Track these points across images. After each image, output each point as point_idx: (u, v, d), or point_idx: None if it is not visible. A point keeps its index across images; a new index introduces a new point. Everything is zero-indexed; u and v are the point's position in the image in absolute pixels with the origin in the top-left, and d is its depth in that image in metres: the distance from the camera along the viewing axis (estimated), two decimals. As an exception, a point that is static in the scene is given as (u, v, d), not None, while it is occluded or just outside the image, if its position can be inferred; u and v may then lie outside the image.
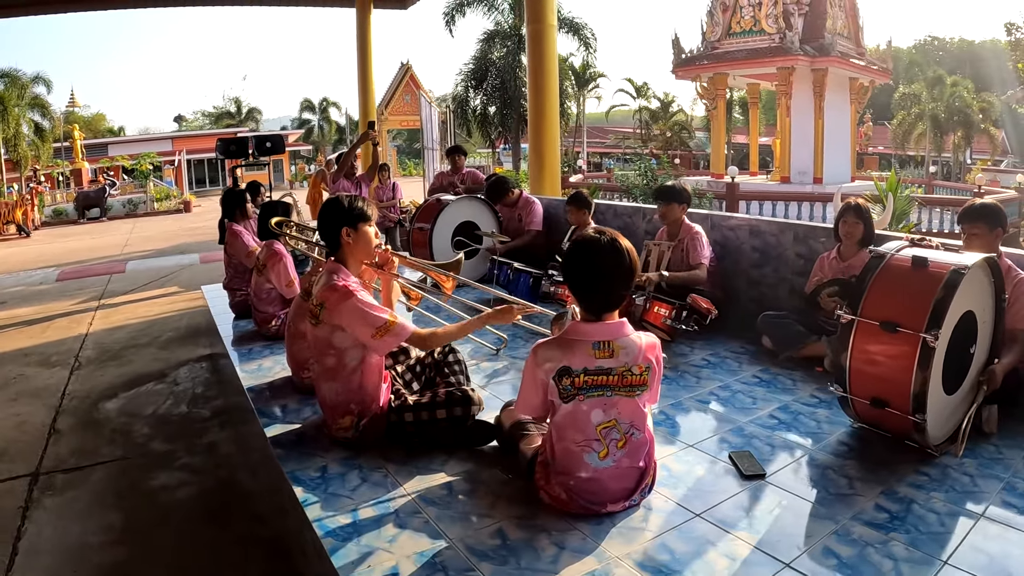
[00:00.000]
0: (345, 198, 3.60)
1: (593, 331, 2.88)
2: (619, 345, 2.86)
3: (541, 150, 10.47)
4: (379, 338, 3.39)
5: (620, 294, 2.91)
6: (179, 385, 6.64)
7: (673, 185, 6.18)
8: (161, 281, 12.57)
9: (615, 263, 2.83)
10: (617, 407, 2.90)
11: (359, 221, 3.60)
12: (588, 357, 2.85)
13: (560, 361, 2.86)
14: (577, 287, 2.92)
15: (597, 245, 2.84)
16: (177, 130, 57.51)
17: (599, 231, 2.90)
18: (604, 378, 2.86)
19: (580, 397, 2.87)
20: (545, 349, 2.92)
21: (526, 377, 3.00)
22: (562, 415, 2.93)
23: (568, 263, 2.94)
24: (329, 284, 3.48)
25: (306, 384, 4.41)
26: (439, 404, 3.61)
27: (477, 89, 29.39)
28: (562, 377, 2.86)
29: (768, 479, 3.30)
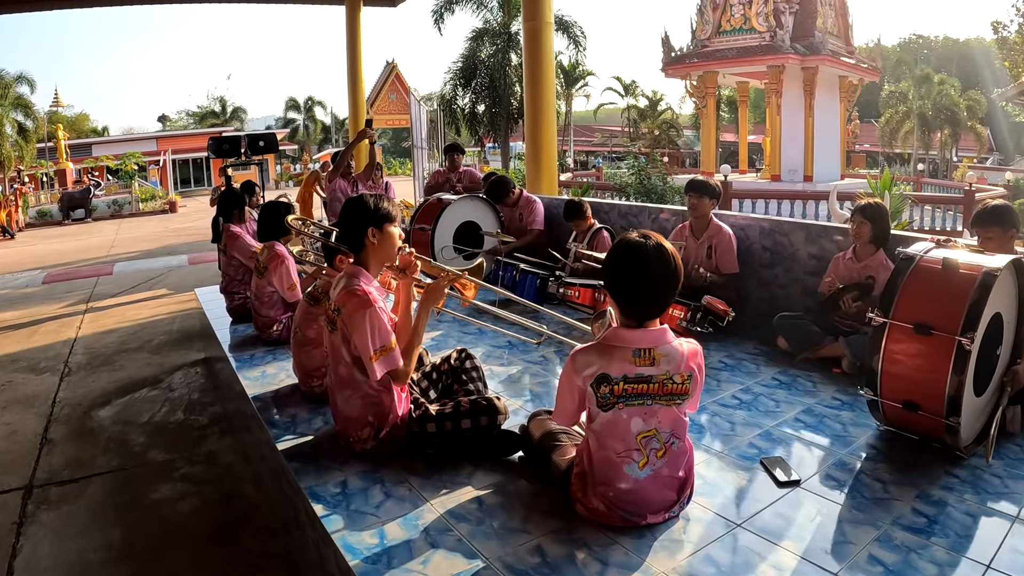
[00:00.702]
0: (370, 197, 3.43)
1: (634, 338, 2.75)
2: (660, 353, 2.74)
3: (538, 149, 10.32)
4: (375, 360, 3.25)
5: (666, 302, 2.78)
6: (174, 391, 6.46)
7: (705, 179, 6.05)
8: (150, 283, 12.38)
9: (661, 269, 2.70)
10: (657, 416, 2.78)
11: (385, 222, 3.42)
12: (628, 364, 2.72)
13: (599, 368, 2.73)
14: (619, 293, 2.78)
15: (643, 251, 2.70)
16: (161, 130, 57.05)
17: (644, 235, 2.75)
18: (644, 386, 2.74)
19: (620, 405, 2.75)
20: (584, 355, 2.79)
21: (563, 383, 2.88)
22: (601, 424, 2.80)
23: (610, 268, 2.80)
24: (349, 288, 3.32)
25: (316, 393, 4.25)
26: (463, 414, 3.44)
27: (466, 87, 29.08)
28: (600, 384, 2.74)
29: (803, 485, 3.23)
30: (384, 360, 3.26)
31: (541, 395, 4.54)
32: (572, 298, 6.05)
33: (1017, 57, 35.47)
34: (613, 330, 2.81)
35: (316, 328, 4.29)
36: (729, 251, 5.82)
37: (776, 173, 24.06)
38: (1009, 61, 36.50)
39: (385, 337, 3.27)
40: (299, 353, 4.38)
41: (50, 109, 43.23)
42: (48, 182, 36.82)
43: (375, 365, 3.24)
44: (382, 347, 3.25)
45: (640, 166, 17.49)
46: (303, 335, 4.36)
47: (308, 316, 4.37)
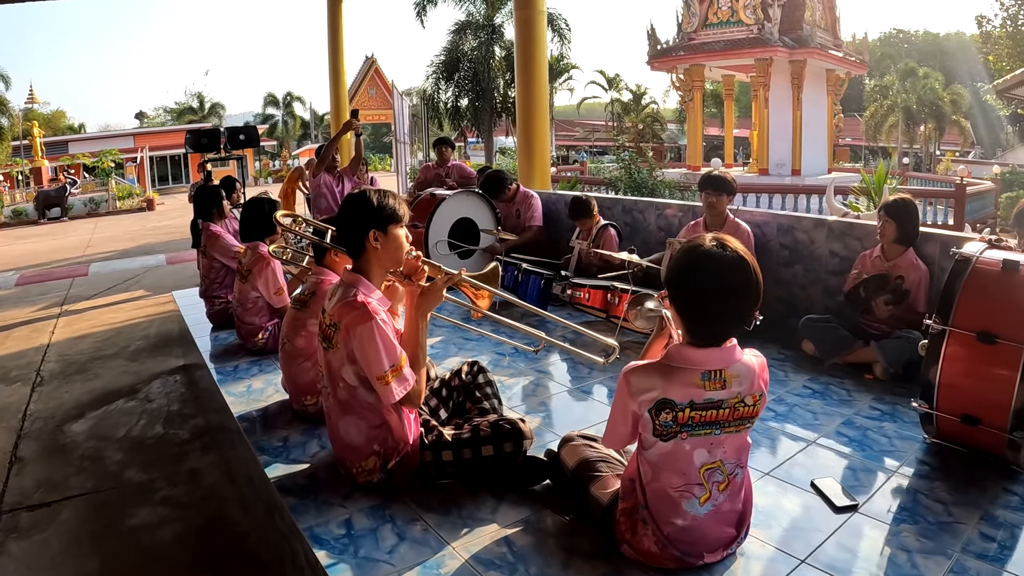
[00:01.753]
0: (373, 193, 3.00)
1: (704, 358, 2.36)
2: (732, 373, 2.36)
3: (530, 142, 9.94)
4: (385, 382, 2.83)
5: (744, 321, 2.39)
6: (152, 402, 6.03)
7: (723, 175, 5.69)
8: (126, 284, 11.90)
9: (742, 285, 2.32)
10: (724, 445, 2.42)
11: (390, 223, 2.98)
12: (695, 388, 2.34)
13: (660, 392, 2.35)
14: (688, 310, 2.39)
15: (720, 261, 2.30)
16: (139, 127, 56.26)
17: (717, 241, 2.34)
18: (713, 412, 2.36)
19: (683, 435, 2.37)
20: (640, 376, 2.40)
21: (616, 406, 2.50)
22: (658, 454, 2.42)
23: (679, 281, 2.40)
24: (346, 300, 2.91)
25: (309, 412, 3.86)
26: (484, 439, 3.04)
27: (448, 81, 28.65)
28: (661, 411, 2.35)
29: (860, 509, 2.98)
30: (399, 380, 2.85)
31: (558, 410, 4.17)
32: (581, 300, 5.67)
33: (1001, 51, 35.54)
34: (677, 348, 2.42)
35: (306, 336, 3.90)
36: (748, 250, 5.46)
37: (764, 167, 23.87)
38: (993, 55, 36.58)
39: (394, 354, 2.86)
40: (289, 366, 3.98)
41: (25, 106, 42.57)
42: (23, 180, 36.06)
43: (391, 387, 2.83)
44: (393, 366, 2.83)
45: (630, 159, 17.06)
46: (292, 345, 3.96)
47: (296, 323, 3.97)
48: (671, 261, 2.45)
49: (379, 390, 2.85)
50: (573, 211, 6.65)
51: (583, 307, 5.65)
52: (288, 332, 4.01)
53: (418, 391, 2.95)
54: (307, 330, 3.90)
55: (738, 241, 2.39)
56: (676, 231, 6.36)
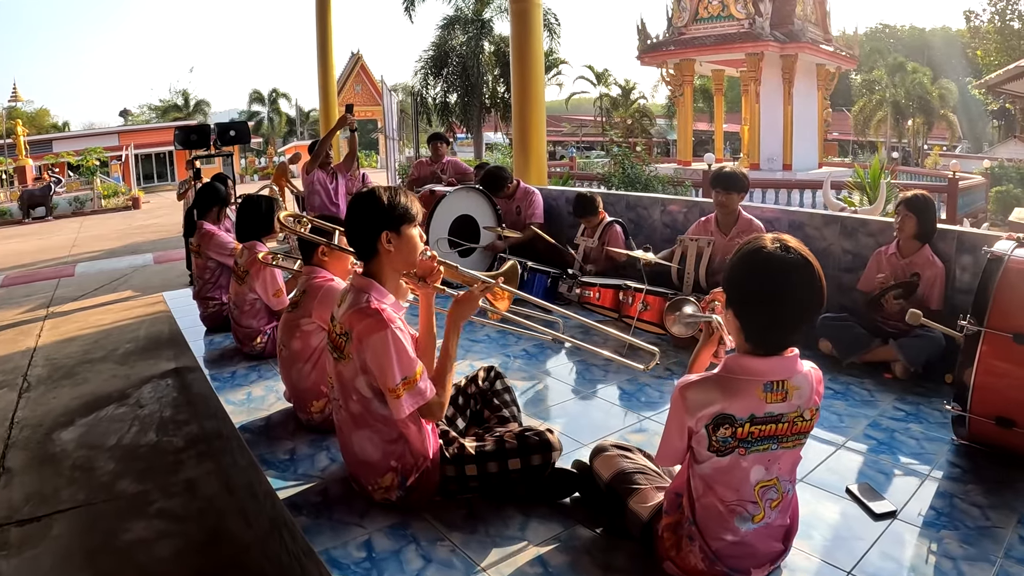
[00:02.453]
0: (384, 192, 2.79)
1: (767, 368, 2.20)
2: (793, 385, 2.21)
3: (526, 136, 9.75)
4: (396, 395, 2.63)
5: (810, 325, 2.26)
6: (144, 408, 5.83)
7: (734, 171, 5.52)
8: (113, 285, 11.66)
9: (809, 289, 2.15)
10: (779, 462, 2.28)
11: (403, 223, 2.77)
12: (757, 401, 2.18)
13: (721, 407, 2.18)
14: (753, 317, 2.21)
15: (787, 266, 2.13)
16: (123, 125, 55.70)
17: (783, 245, 2.16)
18: (772, 427, 2.21)
19: (741, 451, 2.22)
20: (698, 390, 2.23)
21: (671, 422, 2.32)
22: (712, 468, 2.26)
23: (742, 286, 2.22)
24: (358, 307, 2.70)
25: (315, 422, 3.66)
26: (510, 452, 2.84)
27: (437, 77, 28.52)
28: (720, 427, 2.19)
29: (899, 516, 2.89)
30: (411, 393, 2.65)
31: (576, 416, 3.99)
32: (591, 300, 5.48)
33: (990, 46, 35.73)
34: (736, 359, 2.25)
35: (301, 338, 3.70)
36: None
37: (755, 162, 23.83)
38: (982, 50, 36.76)
39: (409, 365, 2.66)
40: (288, 372, 3.78)
41: (8, 104, 42.15)
42: (7, 180, 35.56)
43: (401, 401, 2.63)
44: (406, 378, 2.63)
45: (623, 155, 16.95)
46: (288, 350, 3.76)
47: (289, 326, 3.77)
48: (731, 265, 2.27)
49: (390, 403, 2.66)
50: (578, 208, 6.47)
51: (592, 306, 5.48)
52: (283, 336, 3.81)
53: (440, 403, 2.76)
54: (302, 331, 3.71)
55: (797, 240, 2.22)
56: (682, 227, 6.21)
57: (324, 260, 3.87)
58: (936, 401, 4.09)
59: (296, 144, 45.10)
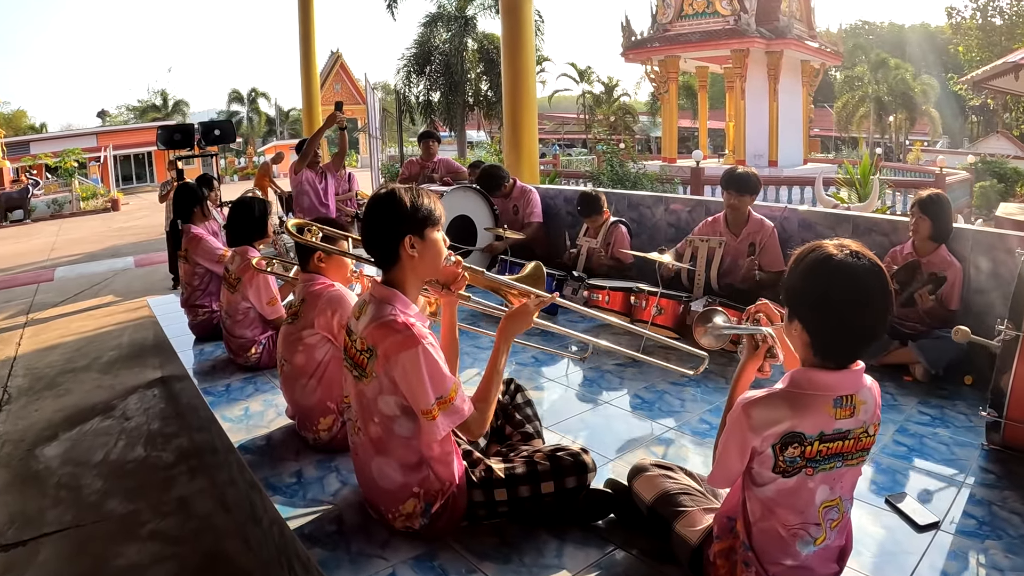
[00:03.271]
0: (405, 192, 2.54)
1: (836, 382, 2.04)
2: (860, 399, 2.06)
3: (518, 134, 9.54)
4: (431, 417, 2.42)
5: (881, 335, 2.08)
6: (130, 420, 5.58)
7: (746, 172, 5.34)
8: (94, 289, 11.36)
9: (882, 295, 1.99)
10: (842, 480, 2.14)
11: (427, 226, 2.54)
12: (827, 418, 2.03)
13: (790, 425, 2.03)
14: (824, 328, 2.03)
15: (859, 272, 1.98)
16: (102, 125, 55.08)
17: (846, 248, 2.02)
18: (840, 444, 2.06)
19: (808, 471, 2.06)
20: (765, 408, 2.05)
21: (730, 442, 2.14)
22: (776, 490, 2.10)
23: (811, 292, 2.04)
24: (382, 320, 2.46)
25: (323, 440, 3.42)
26: (543, 475, 2.63)
27: (420, 75, 28.25)
28: (788, 446, 2.03)
29: (942, 526, 2.82)
30: (447, 413, 2.43)
31: (598, 428, 3.78)
32: (599, 303, 5.27)
33: (971, 42, 35.94)
34: (804, 373, 2.07)
35: (304, 352, 3.45)
36: (774, 247, 5.19)
37: (741, 158, 23.70)
38: (963, 46, 36.98)
39: (443, 383, 2.43)
40: (291, 388, 3.53)
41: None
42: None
43: (437, 423, 2.42)
44: (440, 398, 2.41)
45: (612, 152, 16.81)
46: (291, 365, 3.51)
47: (290, 339, 3.51)
48: (797, 273, 2.09)
49: (424, 426, 2.45)
50: (583, 208, 6.27)
51: (601, 310, 5.27)
52: (284, 351, 3.56)
53: (481, 420, 2.56)
54: (304, 344, 3.45)
55: (859, 244, 2.06)
56: (686, 225, 6.05)
57: (322, 266, 3.61)
58: (960, 404, 4.02)
59: (276, 144, 44.78)
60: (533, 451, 2.76)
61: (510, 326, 2.65)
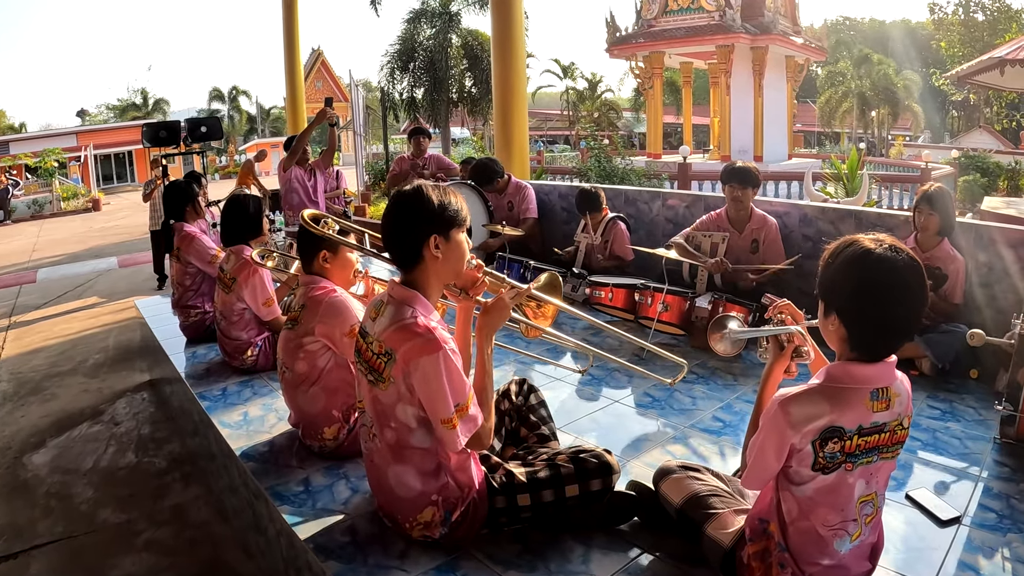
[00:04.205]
0: (433, 190, 2.42)
1: (872, 375, 2.04)
2: (895, 392, 2.07)
3: (508, 130, 9.47)
4: (451, 426, 2.30)
5: (917, 329, 2.13)
6: (119, 425, 5.43)
7: (747, 166, 5.26)
8: (78, 291, 11.18)
9: (923, 287, 2.01)
10: (878, 474, 2.14)
11: (453, 226, 2.42)
12: (864, 411, 2.03)
13: (830, 419, 2.01)
14: (864, 322, 2.03)
15: (899, 266, 1.98)
16: (81, 125, 54.56)
17: (880, 242, 2.03)
18: (876, 437, 2.06)
19: (847, 466, 2.05)
20: (804, 403, 2.03)
21: (767, 441, 2.09)
22: (816, 489, 2.08)
23: (851, 287, 2.02)
24: (402, 323, 2.34)
25: (328, 448, 3.28)
26: (567, 478, 2.53)
27: (403, 71, 28.07)
28: (828, 441, 2.02)
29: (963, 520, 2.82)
30: (465, 421, 2.32)
31: (612, 428, 3.69)
32: (602, 301, 5.17)
33: (953, 37, 36.21)
34: (842, 367, 2.07)
35: (305, 359, 3.28)
36: (777, 244, 5.13)
37: (726, 154, 23.68)
38: (946, 41, 37.25)
39: (462, 390, 2.33)
40: (294, 396, 3.38)
41: (-37, 107, 40.93)
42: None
43: (456, 432, 2.30)
44: (459, 405, 2.30)
45: (599, 147, 16.71)
46: (292, 373, 3.34)
47: (291, 346, 3.34)
48: (835, 268, 2.07)
49: (442, 436, 2.33)
50: (582, 204, 6.17)
51: (603, 307, 5.18)
52: (285, 357, 3.39)
53: (488, 429, 2.44)
54: (305, 351, 3.28)
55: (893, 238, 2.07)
56: (683, 221, 5.97)
57: (326, 267, 3.43)
58: (968, 398, 4.03)
59: (258, 142, 44.49)
60: (554, 453, 2.67)
61: (488, 322, 2.51)
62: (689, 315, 4.76)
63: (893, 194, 17.07)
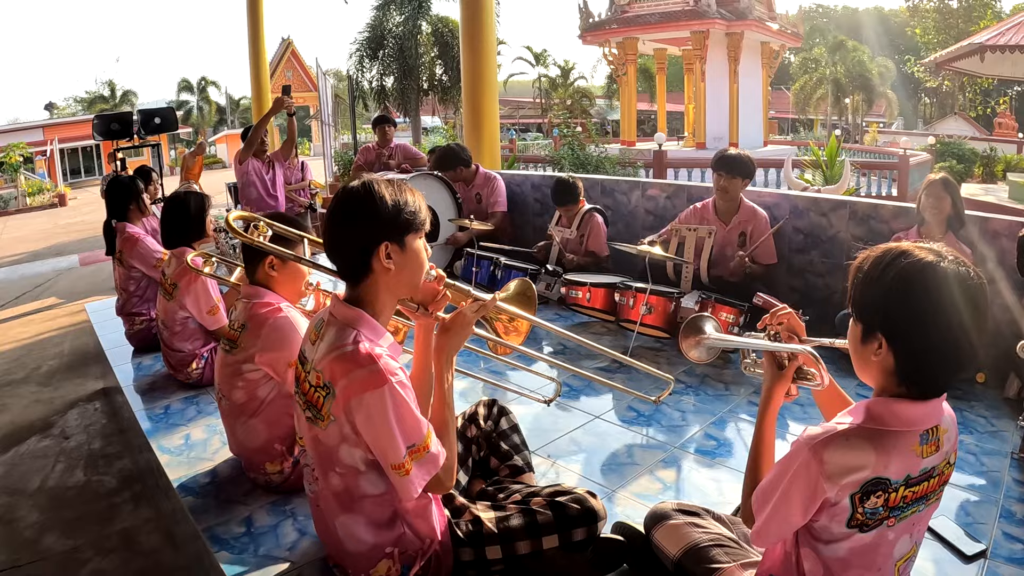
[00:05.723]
0: (386, 187, 2.01)
1: (923, 415, 1.65)
2: (944, 428, 1.70)
3: (478, 118, 9.11)
4: (404, 472, 1.94)
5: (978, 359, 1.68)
6: (69, 439, 5.06)
7: (739, 154, 4.95)
8: (36, 292, 10.75)
9: (987, 310, 1.60)
10: (920, 524, 1.78)
11: (408, 231, 2.03)
12: (913, 458, 1.64)
13: (873, 470, 1.61)
14: (924, 350, 1.61)
15: (969, 284, 1.58)
16: (49, 118, 53.66)
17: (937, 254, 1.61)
18: (925, 485, 1.68)
19: (890, 521, 1.67)
20: (843, 450, 1.62)
21: (792, 491, 1.68)
22: (849, 549, 1.70)
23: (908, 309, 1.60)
24: (343, 351, 1.96)
25: (274, 483, 2.92)
26: (545, 527, 2.18)
27: (373, 59, 27.59)
28: (871, 495, 1.62)
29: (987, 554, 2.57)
30: (421, 463, 1.96)
31: (594, 452, 3.36)
32: (579, 301, 4.85)
33: (928, 24, 36.36)
34: (887, 405, 1.65)
35: (244, 388, 2.92)
36: (768, 241, 4.85)
37: (701, 141, 23.58)
38: (920, 28, 37.40)
39: (416, 429, 1.96)
40: (233, 427, 3.01)
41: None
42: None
43: (411, 478, 1.94)
44: (413, 446, 1.94)
45: (573, 135, 16.45)
46: (230, 402, 2.97)
47: (228, 371, 2.96)
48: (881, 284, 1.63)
49: (395, 482, 1.98)
50: (559, 195, 5.80)
51: (580, 308, 4.86)
52: (221, 384, 3.01)
53: (449, 469, 2.08)
54: (244, 379, 2.91)
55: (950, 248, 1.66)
56: (664, 213, 5.69)
57: (272, 276, 2.99)
58: (977, 405, 3.80)
59: (227, 133, 43.92)
60: (528, 493, 2.32)
61: (447, 342, 2.14)
62: (675, 317, 4.44)
63: (872, 181, 16.93)
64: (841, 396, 1.97)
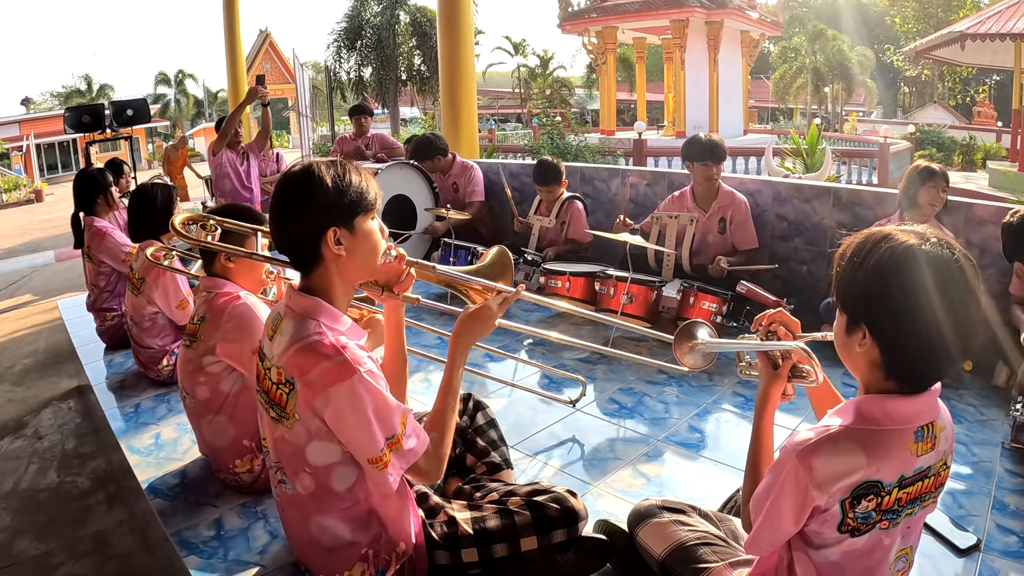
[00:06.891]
0: (327, 169, 1.90)
1: (917, 411, 1.56)
2: (940, 425, 1.60)
3: (456, 107, 9.03)
4: (382, 464, 1.85)
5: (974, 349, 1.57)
6: (43, 439, 4.94)
7: (714, 139, 4.88)
8: (10, 289, 10.56)
9: (977, 294, 1.51)
10: (916, 524, 1.69)
11: (356, 213, 1.92)
12: (908, 457, 1.55)
13: (865, 473, 1.52)
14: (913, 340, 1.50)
15: (951, 267, 1.49)
16: (25, 113, 53.15)
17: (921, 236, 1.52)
18: (919, 485, 1.59)
19: (884, 524, 1.58)
20: (831, 455, 1.53)
21: (783, 501, 1.59)
22: (842, 553, 1.61)
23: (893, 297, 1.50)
24: (305, 343, 1.86)
25: (244, 483, 2.83)
26: (523, 528, 2.08)
27: (351, 50, 27.39)
28: (862, 498, 1.54)
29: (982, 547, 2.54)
30: (400, 455, 1.87)
31: (572, 445, 3.28)
32: (559, 290, 4.76)
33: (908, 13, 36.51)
34: (878, 402, 1.56)
35: (207, 383, 2.83)
36: (747, 223, 4.78)
37: (681, 130, 23.49)
38: (900, 17, 37.57)
39: (390, 419, 1.85)
40: (199, 426, 2.91)
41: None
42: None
43: (389, 470, 1.86)
44: (391, 437, 1.84)
45: (552, 124, 16.41)
46: (194, 400, 2.87)
47: (190, 367, 2.85)
48: (862, 270, 1.53)
49: (371, 476, 1.90)
50: (540, 176, 5.68)
51: (560, 298, 4.78)
52: (184, 381, 2.90)
53: (439, 457, 1.98)
54: (206, 374, 2.82)
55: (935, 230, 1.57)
56: (645, 200, 5.62)
57: (229, 267, 2.91)
58: (965, 394, 3.77)
59: (205, 126, 43.61)
60: (506, 491, 2.22)
61: (468, 330, 2.06)
62: (656, 306, 4.37)
63: (852, 169, 16.98)
64: (832, 394, 1.89)
